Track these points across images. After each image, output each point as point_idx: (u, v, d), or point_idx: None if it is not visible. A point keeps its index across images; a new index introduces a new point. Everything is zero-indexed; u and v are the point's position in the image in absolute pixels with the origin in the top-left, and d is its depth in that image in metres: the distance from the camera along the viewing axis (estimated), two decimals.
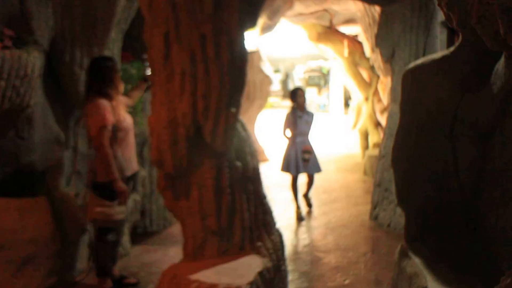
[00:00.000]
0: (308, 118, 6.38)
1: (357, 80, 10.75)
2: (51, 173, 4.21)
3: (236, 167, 3.00)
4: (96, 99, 3.57)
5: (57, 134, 4.17)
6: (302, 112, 6.34)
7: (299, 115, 6.28)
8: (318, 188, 7.95)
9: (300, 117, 6.29)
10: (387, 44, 6.10)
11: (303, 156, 6.25)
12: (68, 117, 4.37)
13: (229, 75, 2.69)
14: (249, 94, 9.28)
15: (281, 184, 7.99)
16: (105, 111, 3.44)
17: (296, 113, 6.29)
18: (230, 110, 2.75)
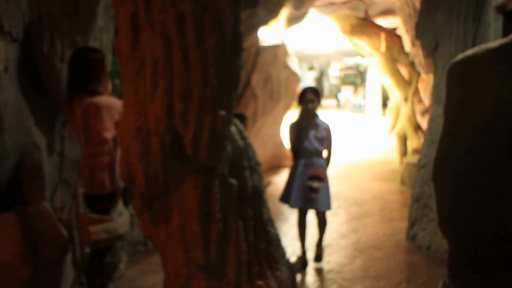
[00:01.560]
0: (318, 132, 4.83)
1: (395, 78, 10.09)
2: (29, 184, 3.75)
3: (230, 185, 2.43)
4: (91, 97, 3.20)
5: (37, 139, 3.70)
6: (309, 123, 4.85)
7: (304, 127, 4.83)
8: (348, 199, 7.37)
9: (306, 130, 4.82)
10: (429, 35, 5.45)
11: (310, 185, 4.67)
12: (54, 119, 3.91)
13: (216, 67, 2.12)
14: (273, 93, 8.73)
15: None
16: (117, 106, 3.15)
17: (301, 123, 4.87)
18: (218, 113, 2.18)
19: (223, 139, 2.26)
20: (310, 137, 4.81)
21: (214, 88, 2.15)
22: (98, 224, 3.28)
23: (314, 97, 4.82)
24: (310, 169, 4.74)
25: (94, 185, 3.22)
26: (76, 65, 3.26)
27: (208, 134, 2.18)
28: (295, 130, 4.91)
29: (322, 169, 4.80)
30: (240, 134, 2.56)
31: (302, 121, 4.90)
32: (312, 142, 4.81)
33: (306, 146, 4.80)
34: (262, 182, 2.65)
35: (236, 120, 2.60)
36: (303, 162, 4.81)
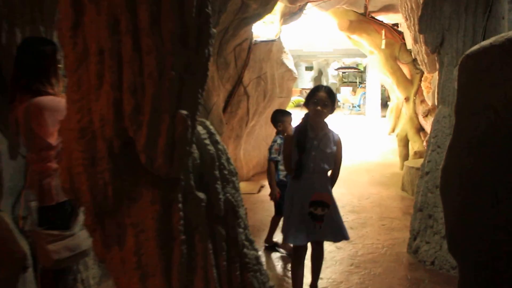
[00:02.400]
0: (327, 146, 3.82)
1: (396, 77, 9.72)
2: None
3: (197, 200, 2.03)
4: (34, 97, 2.80)
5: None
6: (317, 133, 3.80)
7: (310, 137, 3.76)
8: (345, 206, 6.98)
9: (311, 142, 3.76)
10: (434, 29, 5.06)
11: (314, 212, 3.71)
12: None
13: (176, 55, 1.73)
14: (267, 92, 8.32)
15: None
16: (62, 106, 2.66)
17: (305, 133, 3.77)
18: (179, 112, 1.78)
19: (185, 144, 1.85)
20: (316, 152, 3.75)
21: (173, 82, 1.75)
22: (58, 241, 2.90)
23: (327, 99, 3.72)
24: (311, 192, 3.72)
25: (45, 195, 2.83)
26: (21, 58, 2.86)
27: (165, 138, 1.79)
28: (295, 140, 3.77)
29: (328, 193, 3.82)
30: (210, 138, 2.16)
31: (306, 129, 3.76)
32: (318, 159, 3.76)
33: (310, 164, 3.73)
34: (238, 195, 2.26)
35: (206, 121, 2.20)
36: (303, 184, 3.76)
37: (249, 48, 7.63)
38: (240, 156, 8.31)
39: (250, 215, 6.52)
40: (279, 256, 5.16)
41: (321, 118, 3.76)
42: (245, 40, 7.43)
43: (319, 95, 3.73)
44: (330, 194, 3.83)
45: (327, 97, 3.73)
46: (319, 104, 3.69)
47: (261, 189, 8.06)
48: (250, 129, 8.41)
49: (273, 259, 5.11)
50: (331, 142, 3.82)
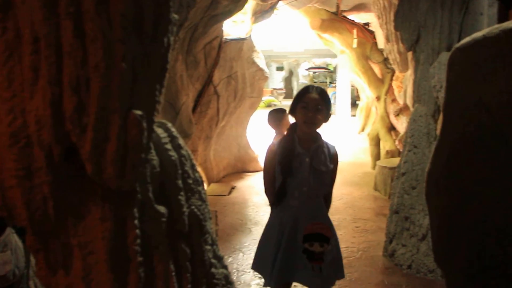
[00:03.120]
0: (321, 163, 2.89)
1: (368, 76, 9.54)
2: None
3: (157, 215, 1.71)
4: None
5: None
6: (308, 146, 2.89)
7: (299, 153, 2.85)
8: None
9: (301, 159, 2.86)
10: (410, 26, 4.84)
11: (309, 249, 2.81)
12: None
13: (128, 43, 1.41)
14: (238, 91, 8.01)
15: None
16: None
17: (292, 147, 2.87)
18: (132, 112, 1.46)
19: (140, 150, 1.52)
20: (308, 173, 2.85)
21: (124, 76, 1.42)
22: None
23: (320, 102, 2.83)
24: (304, 222, 2.83)
25: None
26: None
27: (115, 144, 1.46)
28: (280, 158, 2.87)
29: (326, 222, 2.94)
30: (172, 142, 1.84)
31: (293, 143, 2.87)
32: (312, 180, 2.85)
33: (301, 188, 2.83)
34: (204, 206, 1.94)
35: (167, 122, 1.88)
36: (292, 212, 2.85)
37: (219, 47, 7.31)
38: (210, 157, 7.98)
39: (221, 218, 6.22)
40: None
41: (313, 127, 2.84)
42: (215, 38, 7.11)
43: (308, 97, 2.82)
44: (328, 224, 2.92)
45: (319, 99, 2.81)
46: (309, 109, 2.79)
47: (232, 190, 7.75)
48: (221, 129, 8.09)
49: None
50: (326, 158, 2.88)
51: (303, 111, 2.82)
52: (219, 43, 7.32)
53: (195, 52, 6.56)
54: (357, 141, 12.81)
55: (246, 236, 5.53)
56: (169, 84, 5.32)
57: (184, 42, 5.99)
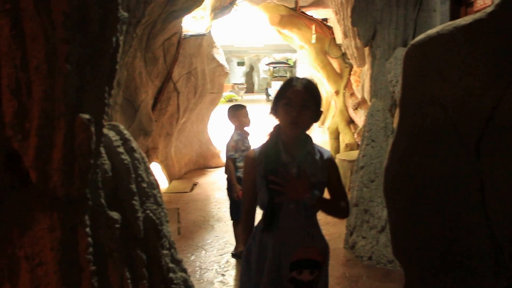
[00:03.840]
0: (312, 173, 2.26)
1: (327, 71, 9.55)
2: None
3: (110, 221, 1.62)
4: None
5: None
6: (294, 153, 2.29)
7: (284, 162, 2.25)
8: None
9: (288, 168, 2.24)
10: (366, 22, 4.84)
11: (297, 278, 2.25)
12: None
13: (73, 43, 1.31)
14: (198, 87, 7.90)
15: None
16: None
17: (276, 155, 2.27)
18: (79, 116, 1.36)
19: (89, 156, 1.43)
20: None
21: (69, 78, 1.32)
22: None
23: (307, 96, 2.23)
24: (292, 246, 2.22)
25: None
26: None
27: (61, 150, 1.36)
28: (263, 170, 2.25)
29: (318, 245, 2.30)
30: (125, 145, 1.75)
31: (278, 150, 2.27)
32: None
33: (287, 205, 2.23)
34: (160, 210, 1.85)
35: (119, 125, 1.78)
36: (277, 236, 2.23)
37: (178, 43, 7.18)
38: (171, 154, 7.86)
39: (183, 215, 6.12)
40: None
41: (298, 129, 2.24)
42: (174, 34, 6.98)
43: (292, 91, 2.21)
44: (321, 246, 2.31)
45: (305, 94, 2.21)
46: (293, 107, 2.17)
47: (194, 187, 7.65)
48: (181, 126, 7.97)
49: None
50: (318, 167, 2.28)
51: (286, 109, 2.18)
52: (178, 39, 7.19)
53: (154, 49, 6.43)
54: (317, 135, 12.84)
55: (209, 233, 5.45)
56: (127, 81, 5.18)
57: (142, 39, 5.86)
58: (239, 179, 4.59)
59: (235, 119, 4.87)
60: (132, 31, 4.34)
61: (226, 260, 4.60)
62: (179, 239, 5.17)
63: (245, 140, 4.80)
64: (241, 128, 4.84)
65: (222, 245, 5.01)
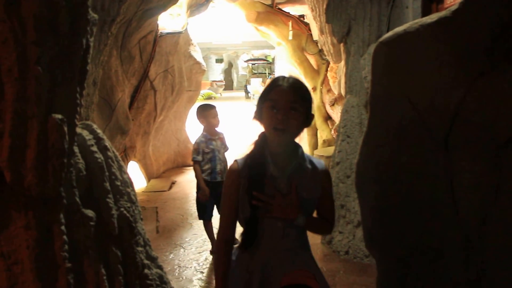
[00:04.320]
0: (305, 187, 1.97)
1: (304, 67, 9.62)
2: None
3: (85, 219, 1.67)
4: None
5: None
6: (284, 165, 1.99)
7: (273, 175, 1.96)
8: None
9: (277, 182, 1.95)
10: (340, 19, 4.91)
11: None
12: None
13: (43, 45, 1.35)
14: (175, 85, 7.91)
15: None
16: None
17: (261, 166, 1.96)
18: (52, 117, 1.41)
19: (62, 155, 1.47)
20: (285, 203, 1.96)
21: (40, 79, 1.36)
22: None
23: (294, 98, 1.93)
24: (280, 269, 1.92)
25: None
26: None
27: (35, 150, 1.40)
28: (245, 182, 1.95)
29: (311, 267, 2.00)
30: (98, 144, 1.79)
31: (264, 160, 1.98)
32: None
33: (275, 223, 1.94)
34: (134, 208, 1.90)
35: (92, 124, 1.82)
36: (262, 255, 1.96)
37: (154, 41, 7.18)
38: (149, 153, 7.86)
39: (161, 214, 6.14)
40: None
41: (285, 136, 1.91)
42: (150, 32, 6.97)
43: (277, 92, 1.93)
44: (314, 270, 1.99)
45: (293, 95, 1.91)
46: (279, 109, 1.88)
47: (172, 185, 7.66)
48: (159, 124, 7.97)
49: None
50: (309, 180, 1.99)
51: (271, 113, 1.88)
52: (155, 37, 7.19)
53: (130, 47, 6.42)
54: None
55: (187, 231, 5.48)
56: (103, 80, 5.19)
57: (118, 37, 5.85)
58: (207, 182, 4.56)
59: (203, 119, 4.73)
60: (107, 30, 4.35)
61: (204, 257, 4.64)
62: (158, 238, 5.20)
63: (210, 142, 4.63)
64: (209, 129, 4.71)
65: (200, 243, 5.05)
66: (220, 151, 4.69)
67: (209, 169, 4.60)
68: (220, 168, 4.64)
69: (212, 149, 4.61)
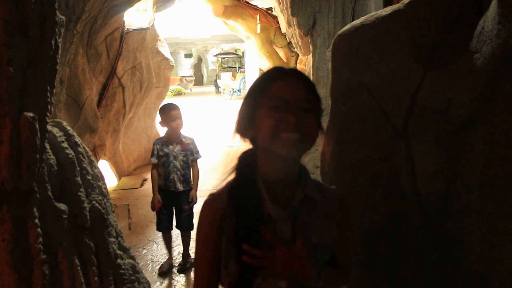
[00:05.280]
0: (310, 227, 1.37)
1: (273, 60, 9.77)
2: None
3: (58, 212, 1.77)
4: None
5: None
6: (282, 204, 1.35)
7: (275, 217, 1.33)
8: None
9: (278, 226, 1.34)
10: (306, 12, 5.06)
11: None
12: None
13: (14, 47, 1.45)
14: (143, 82, 7.96)
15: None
16: None
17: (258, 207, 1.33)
18: (24, 115, 1.51)
19: (34, 151, 1.58)
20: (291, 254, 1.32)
21: (12, 80, 1.46)
22: None
23: (310, 96, 1.33)
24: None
25: None
26: None
27: (8, 147, 1.50)
28: (229, 228, 1.35)
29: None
30: (68, 140, 1.89)
31: (256, 193, 1.35)
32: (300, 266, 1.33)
33: (276, 279, 1.34)
34: (106, 201, 2.01)
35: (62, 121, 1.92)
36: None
37: (121, 38, 7.21)
38: (120, 151, 7.90)
39: (134, 211, 6.22)
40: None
41: (302, 146, 1.31)
42: (116, 29, 7.00)
43: (283, 86, 1.33)
44: None
45: (304, 89, 1.33)
46: (290, 110, 1.28)
47: (144, 182, 7.72)
48: (128, 121, 8.01)
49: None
50: (323, 218, 1.43)
51: (275, 115, 1.29)
52: (121, 34, 7.22)
53: (96, 44, 6.45)
54: None
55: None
56: (70, 79, 5.23)
57: (84, 35, 5.88)
58: (159, 189, 4.29)
59: (162, 122, 4.32)
60: (73, 28, 4.41)
61: (178, 252, 4.74)
62: (131, 235, 5.29)
63: (166, 146, 4.27)
64: (170, 132, 4.31)
65: (173, 238, 5.15)
66: (177, 158, 4.27)
67: (162, 174, 4.30)
68: (177, 177, 4.27)
69: (167, 153, 4.27)
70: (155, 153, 4.27)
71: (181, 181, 4.29)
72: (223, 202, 1.37)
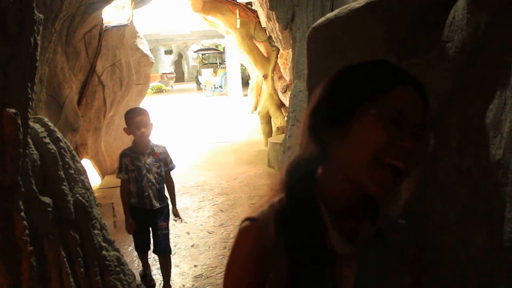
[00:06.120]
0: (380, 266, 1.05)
1: (254, 55, 9.83)
2: None
3: (43, 205, 1.84)
4: None
5: None
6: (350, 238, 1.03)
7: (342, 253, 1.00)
8: (213, 189, 6.96)
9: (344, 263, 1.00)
10: (284, 5, 5.13)
11: None
12: None
13: None
14: (123, 79, 7.98)
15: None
16: None
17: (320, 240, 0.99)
18: (6, 111, 1.57)
19: (17, 146, 1.64)
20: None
21: None
22: None
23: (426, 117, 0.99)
24: None
25: None
26: None
27: None
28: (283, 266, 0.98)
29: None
30: (50, 136, 1.96)
31: (318, 222, 1.00)
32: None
33: None
34: (89, 194, 2.08)
35: (43, 118, 1.99)
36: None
37: (100, 35, 7.23)
38: (102, 149, 7.92)
39: (118, 209, 6.23)
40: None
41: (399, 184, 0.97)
42: (95, 26, 7.02)
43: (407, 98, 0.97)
44: None
45: (425, 107, 0.99)
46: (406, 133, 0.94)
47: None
48: (109, 119, 8.03)
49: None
50: (397, 257, 1.08)
51: (390, 129, 0.94)
52: (100, 32, 7.24)
53: (75, 43, 6.47)
54: (251, 120, 13.16)
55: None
56: (50, 78, 5.25)
57: (62, 33, 5.90)
58: (133, 209, 3.83)
59: (126, 129, 3.80)
60: (51, 27, 4.44)
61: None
62: (116, 232, 5.34)
63: (137, 158, 3.73)
64: (135, 141, 3.78)
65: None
66: (151, 171, 3.74)
67: (134, 191, 3.78)
68: (152, 193, 3.75)
69: (139, 166, 3.72)
70: (123, 167, 3.75)
71: (157, 197, 3.80)
72: (269, 232, 1.01)
